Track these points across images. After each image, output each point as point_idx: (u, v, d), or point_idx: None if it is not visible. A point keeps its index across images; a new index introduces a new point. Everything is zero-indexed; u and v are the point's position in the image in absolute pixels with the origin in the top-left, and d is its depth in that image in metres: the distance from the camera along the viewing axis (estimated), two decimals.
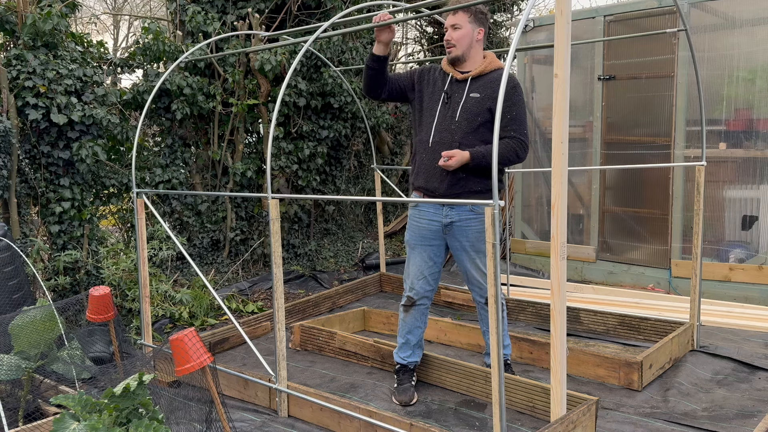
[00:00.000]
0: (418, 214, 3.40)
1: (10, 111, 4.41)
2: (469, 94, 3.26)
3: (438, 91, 3.35)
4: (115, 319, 3.43)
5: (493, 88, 3.24)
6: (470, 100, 3.25)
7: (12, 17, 4.56)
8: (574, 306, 4.59)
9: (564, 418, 2.70)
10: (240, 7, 6.01)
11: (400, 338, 3.57)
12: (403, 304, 3.51)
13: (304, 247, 6.51)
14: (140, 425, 2.27)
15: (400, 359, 3.58)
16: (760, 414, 3.18)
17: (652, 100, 5.55)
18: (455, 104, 3.27)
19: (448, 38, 3.27)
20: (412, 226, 3.43)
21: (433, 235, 3.38)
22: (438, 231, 3.37)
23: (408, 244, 3.47)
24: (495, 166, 2.38)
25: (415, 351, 3.56)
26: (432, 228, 3.37)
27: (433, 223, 3.36)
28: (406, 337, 3.54)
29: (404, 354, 3.57)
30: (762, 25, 4.99)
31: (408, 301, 3.48)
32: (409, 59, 9.27)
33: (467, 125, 3.25)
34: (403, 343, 3.56)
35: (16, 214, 4.53)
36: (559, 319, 2.67)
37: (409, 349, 3.56)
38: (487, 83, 3.26)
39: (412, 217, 3.45)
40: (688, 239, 5.36)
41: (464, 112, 3.25)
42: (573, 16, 4.49)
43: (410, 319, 3.49)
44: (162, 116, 5.61)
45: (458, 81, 3.31)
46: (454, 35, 3.25)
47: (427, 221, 3.37)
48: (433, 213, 3.36)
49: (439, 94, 3.34)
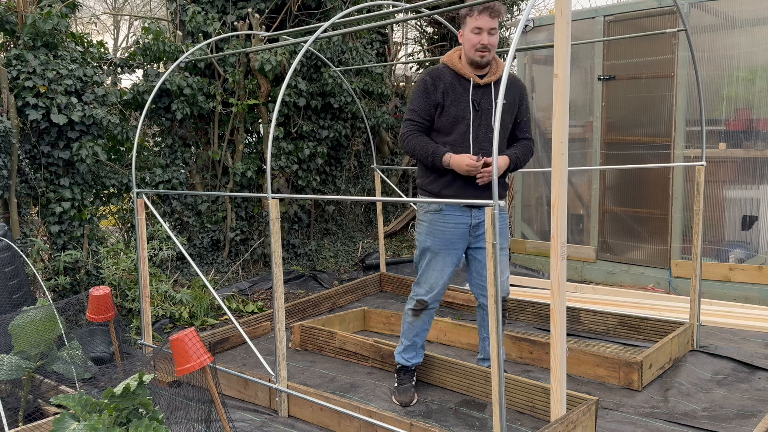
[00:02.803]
0: (443, 218, 3.26)
1: (10, 111, 4.41)
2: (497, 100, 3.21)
3: (461, 98, 3.20)
4: (115, 319, 3.43)
5: (514, 93, 3.26)
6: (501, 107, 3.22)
7: (12, 17, 4.56)
8: (574, 306, 4.59)
9: (564, 418, 2.70)
10: (240, 7, 6.01)
11: (405, 340, 3.52)
12: (413, 308, 3.42)
13: (304, 247, 6.52)
14: (140, 425, 2.27)
15: (403, 360, 3.55)
16: (760, 414, 3.18)
17: (652, 100, 5.55)
18: (486, 112, 3.18)
19: (485, 43, 3.10)
20: (436, 231, 3.28)
21: (459, 238, 3.28)
22: (464, 233, 3.28)
23: (430, 249, 3.30)
24: (495, 165, 2.39)
25: (419, 353, 3.55)
26: (458, 231, 3.27)
27: (460, 226, 3.26)
28: (413, 340, 3.49)
29: (408, 355, 3.54)
30: (762, 25, 4.99)
31: (420, 305, 3.39)
32: (409, 59, 9.27)
33: (502, 133, 3.23)
34: (409, 345, 3.51)
35: (16, 214, 4.53)
36: (559, 319, 2.67)
37: (414, 351, 3.53)
38: (507, 88, 3.18)
39: (434, 223, 3.28)
40: (688, 239, 5.36)
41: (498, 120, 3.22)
42: (573, 16, 4.49)
43: (419, 323, 3.44)
44: (162, 116, 5.61)
45: (480, 86, 3.20)
46: (492, 40, 3.11)
47: (454, 225, 3.26)
48: (460, 216, 3.25)
49: (464, 101, 3.19)
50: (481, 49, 3.12)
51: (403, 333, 3.52)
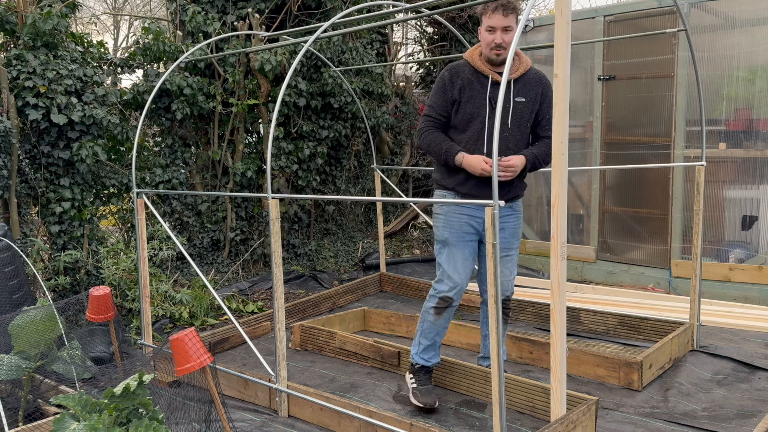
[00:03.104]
0: (458, 210, 3.23)
1: (10, 111, 4.41)
2: (515, 98, 3.17)
3: (479, 95, 3.17)
4: (115, 319, 3.43)
5: (536, 91, 3.22)
6: (518, 105, 3.18)
7: (12, 17, 4.56)
8: (574, 306, 4.59)
9: (564, 418, 2.70)
10: (240, 7, 6.01)
11: (425, 340, 3.40)
12: (436, 306, 3.31)
13: (304, 247, 6.51)
14: (140, 425, 2.27)
15: (422, 360, 3.43)
16: (760, 414, 3.18)
17: (652, 100, 5.55)
18: (504, 110, 3.13)
19: (499, 41, 3.07)
20: (451, 223, 3.25)
21: (474, 230, 3.26)
22: (479, 227, 3.25)
23: (446, 242, 3.26)
24: (495, 165, 2.38)
25: (437, 352, 3.46)
26: (473, 224, 3.24)
27: (475, 219, 3.23)
28: (434, 339, 3.39)
29: (428, 355, 3.42)
30: (762, 25, 4.99)
31: (443, 303, 3.29)
32: (409, 59, 9.27)
33: (519, 132, 3.21)
34: (429, 345, 3.40)
35: (16, 214, 4.53)
36: (559, 319, 2.67)
37: (434, 351, 3.43)
38: (528, 85, 3.19)
39: (449, 214, 3.26)
40: (688, 239, 5.36)
41: (515, 118, 3.18)
42: (573, 16, 4.50)
43: (441, 321, 3.33)
44: (162, 116, 5.61)
45: (499, 84, 3.10)
46: (506, 38, 3.08)
47: (468, 217, 3.23)
48: (475, 209, 3.22)
49: (481, 98, 3.17)
50: (495, 47, 3.10)
51: (423, 333, 3.40)
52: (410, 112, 7.80)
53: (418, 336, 3.43)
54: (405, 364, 3.79)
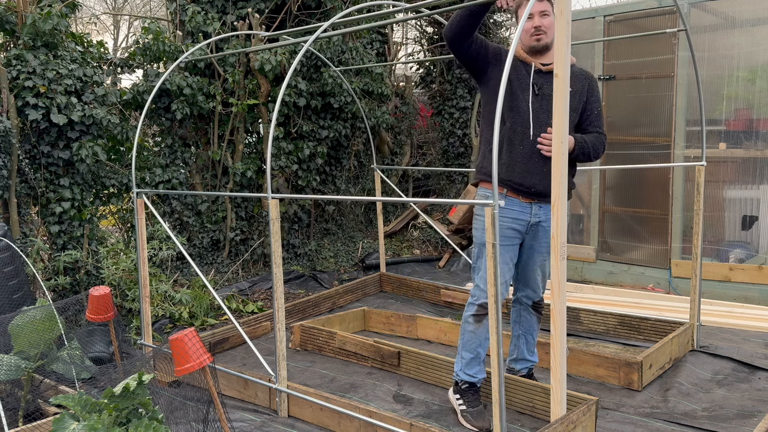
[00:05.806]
0: (501, 212, 3.05)
1: (10, 111, 4.41)
2: None
3: (523, 80, 3.08)
4: (115, 319, 3.43)
5: (582, 83, 3.17)
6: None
7: (12, 17, 4.56)
8: (574, 306, 4.59)
9: (564, 418, 2.70)
10: (240, 7, 6.01)
11: (467, 353, 3.18)
12: (475, 314, 3.12)
13: (304, 247, 6.51)
14: (140, 425, 2.27)
15: (468, 377, 3.19)
16: (760, 414, 3.18)
17: (652, 100, 5.55)
18: (547, 98, 3.03)
19: (537, 24, 3.02)
20: None
21: (516, 234, 3.14)
22: (522, 231, 3.14)
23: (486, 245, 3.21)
24: (495, 165, 2.37)
25: (482, 366, 3.22)
26: (516, 227, 3.13)
27: (519, 222, 3.12)
28: (477, 351, 3.16)
29: (473, 371, 3.19)
30: (762, 25, 4.99)
31: (482, 310, 3.08)
32: (409, 59, 9.26)
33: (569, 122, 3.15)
34: (473, 358, 3.17)
35: (16, 214, 4.53)
36: (559, 319, 2.67)
37: (479, 365, 3.19)
38: (573, 78, 3.07)
39: None
40: (688, 239, 5.36)
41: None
42: (573, 16, 4.49)
43: (482, 330, 3.12)
44: (162, 116, 5.61)
45: (542, 72, 3.09)
46: (545, 22, 3.03)
47: (511, 219, 3.11)
48: (519, 212, 3.11)
49: (525, 83, 3.08)
50: (535, 32, 3.05)
51: (464, 345, 3.18)
52: (410, 112, 7.80)
53: (460, 350, 3.22)
54: (405, 364, 3.79)
